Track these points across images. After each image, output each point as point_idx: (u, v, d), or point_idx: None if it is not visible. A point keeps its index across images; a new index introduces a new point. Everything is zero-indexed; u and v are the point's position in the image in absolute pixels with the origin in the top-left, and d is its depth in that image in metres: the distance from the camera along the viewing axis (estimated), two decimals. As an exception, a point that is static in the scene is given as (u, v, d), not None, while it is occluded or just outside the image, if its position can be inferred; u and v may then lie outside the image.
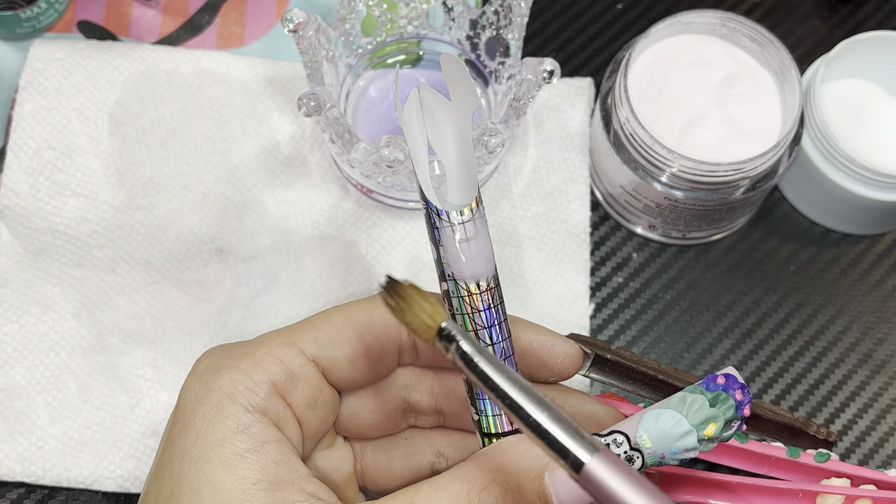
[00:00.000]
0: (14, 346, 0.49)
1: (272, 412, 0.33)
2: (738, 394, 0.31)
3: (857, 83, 0.54)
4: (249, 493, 0.30)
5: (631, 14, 0.59)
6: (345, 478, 0.37)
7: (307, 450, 0.35)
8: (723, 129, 0.50)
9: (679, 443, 0.31)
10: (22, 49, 0.55)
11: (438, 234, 0.32)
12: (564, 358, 0.37)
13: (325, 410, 0.35)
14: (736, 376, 0.32)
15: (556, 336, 0.37)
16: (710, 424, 0.31)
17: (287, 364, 0.34)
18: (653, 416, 0.31)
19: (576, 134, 0.54)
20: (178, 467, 0.31)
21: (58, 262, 0.50)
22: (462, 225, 0.32)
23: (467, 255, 0.32)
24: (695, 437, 0.31)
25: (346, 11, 0.50)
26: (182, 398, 0.33)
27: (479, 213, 0.32)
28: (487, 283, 0.32)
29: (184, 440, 0.32)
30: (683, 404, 0.31)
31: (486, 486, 0.31)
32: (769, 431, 0.46)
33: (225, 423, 0.32)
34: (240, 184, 0.52)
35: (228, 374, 0.33)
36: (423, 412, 0.38)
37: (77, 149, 0.51)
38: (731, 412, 0.31)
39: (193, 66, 0.53)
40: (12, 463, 0.47)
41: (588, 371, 0.45)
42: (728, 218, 0.52)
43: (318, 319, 0.35)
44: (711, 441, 0.31)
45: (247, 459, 0.31)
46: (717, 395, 0.31)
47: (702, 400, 0.31)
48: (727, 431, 0.31)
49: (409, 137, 0.32)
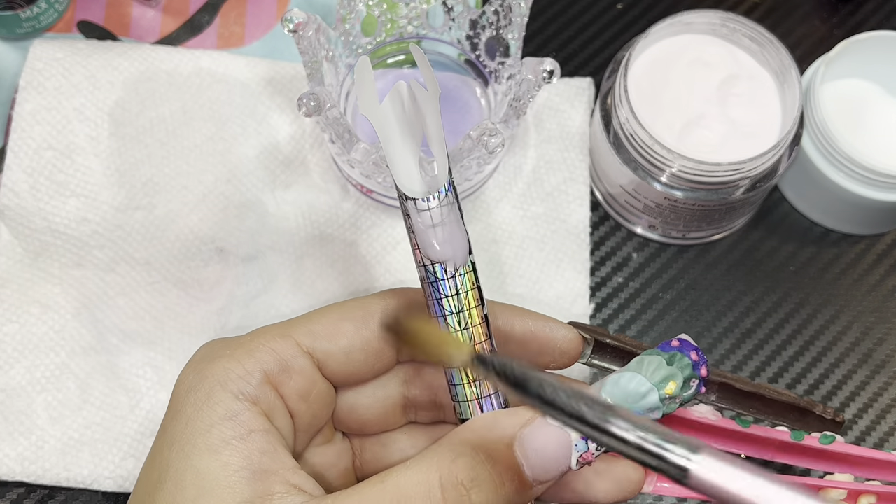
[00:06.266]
0: (14, 346, 0.49)
1: (263, 401, 0.33)
2: (693, 354, 0.32)
3: (857, 83, 0.54)
4: (231, 480, 0.30)
5: (631, 14, 0.59)
6: (342, 473, 0.37)
7: (301, 443, 0.35)
8: (723, 129, 0.50)
9: (642, 402, 0.32)
10: (22, 49, 0.55)
11: (409, 220, 0.33)
12: (564, 342, 0.36)
13: (319, 404, 0.35)
14: (689, 340, 0.33)
15: (554, 321, 0.37)
16: (669, 382, 0.32)
17: (281, 354, 0.34)
18: (613, 379, 0.32)
19: (576, 134, 0.54)
20: (168, 453, 0.32)
21: (58, 262, 0.50)
22: (428, 211, 0.32)
23: (438, 241, 0.32)
24: (656, 395, 0.32)
25: (346, 11, 0.50)
26: (176, 386, 0.33)
27: (448, 200, 0.32)
28: (455, 269, 0.33)
29: (174, 427, 0.32)
30: (641, 365, 0.32)
31: (455, 458, 0.31)
32: (775, 413, 0.45)
33: (214, 409, 0.32)
34: (240, 184, 0.52)
35: (222, 363, 0.33)
36: (422, 407, 0.38)
37: (77, 149, 0.51)
38: (689, 370, 0.32)
39: (193, 66, 0.53)
40: (12, 463, 0.47)
41: (589, 358, 0.44)
42: (728, 218, 0.52)
43: (314, 313, 0.35)
44: (673, 400, 0.32)
45: (232, 446, 0.31)
46: (672, 355, 0.32)
47: (658, 360, 0.32)
48: (687, 391, 0.32)
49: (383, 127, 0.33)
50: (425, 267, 0.33)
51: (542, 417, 0.31)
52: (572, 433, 0.31)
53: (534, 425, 0.31)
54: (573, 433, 0.31)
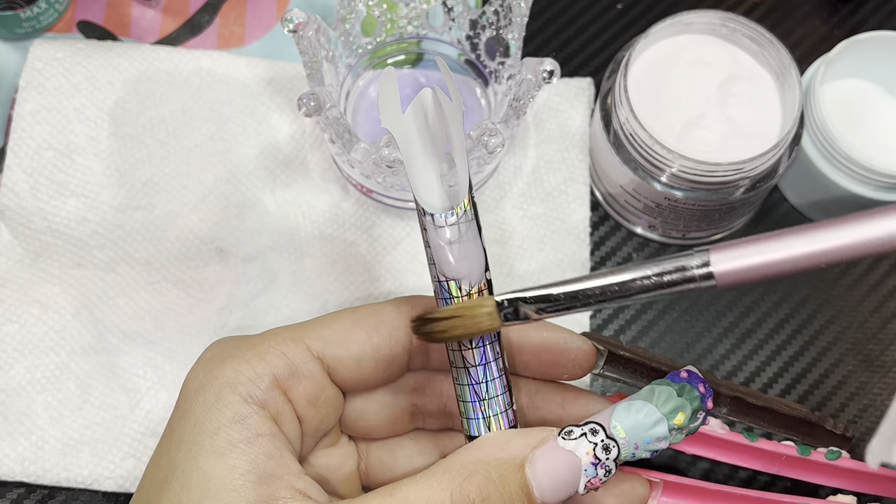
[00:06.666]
0: (14, 346, 0.49)
1: (271, 405, 0.33)
2: (700, 387, 0.33)
3: (857, 83, 0.54)
4: (237, 484, 0.30)
5: (631, 14, 0.59)
6: (347, 476, 0.37)
7: (307, 447, 0.35)
8: (723, 129, 0.50)
9: (651, 431, 0.32)
10: (22, 49, 0.55)
11: (426, 234, 0.33)
12: (578, 354, 0.36)
13: (327, 409, 0.35)
14: (697, 373, 0.33)
15: (568, 332, 0.37)
16: (679, 413, 0.32)
17: (291, 359, 0.34)
18: (624, 407, 0.32)
19: (576, 134, 0.54)
20: (175, 453, 0.32)
21: (58, 262, 0.50)
22: (445, 228, 0.32)
23: (455, 257, 0.32)
24: (665, 425, 0.32)
25: (346, 11, 0.50)
26: (185, 385, 0.33)
27: (467, 217, 0.32)
28: (470, 287, 0.33)
29: (182, 427, 0.32)
30: (652, 395, 0.33)
31: (468, 476, 0.31)
32: (786, 426, 0.45)
33: (223, 411, 0.32)
34: (240, 184, 0.52)
35: (232, 364, 0.33)
36: (430, 415, 0.38)
37: (77, 149, 0.51)
38: (697, 402, 0.32)
39: (193, 66, 0.53)
40: (12, 463, 0.47)
41: (602, 369, 0.44)
42: (728, 218, 0.52)
43: (327, 318, 0.35)
44: (680, 431, 0.32)
45: (238, 449, 0.31)
46: (682, 386, 0.33)
47: (669, 390, 0.33)
48: (694, 422, 0.33)
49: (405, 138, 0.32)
50: (440, 282, 0.33)
51: (553, 440, 0.32)
52: (583, 458, 0.31)
53: (545, 447, 0.31)
54: (584, 458, 0.31)
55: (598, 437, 0.32)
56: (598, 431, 0.32)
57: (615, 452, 0.32)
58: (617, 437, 0.32)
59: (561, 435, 0.31)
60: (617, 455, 0.32)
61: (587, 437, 0.31)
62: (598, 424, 0.32)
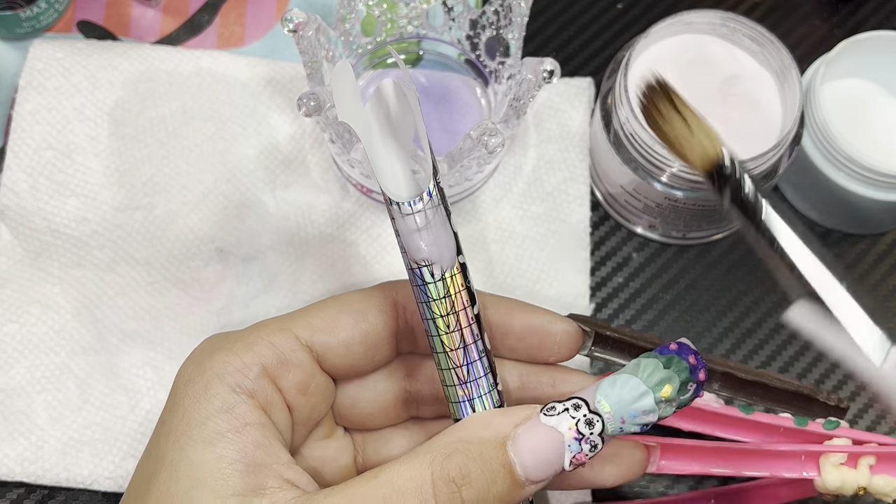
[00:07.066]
0: (14, 346, 0.49)
1: (260, 395, 0.33)
2: (691, 358, 0.32)
3: (857, 83, 0.54)
4: (225, 473, 0.30)
5: (631, 14, 0.59)
6: (343, 468, 0.37)
7: (299, 437, 0.35)
8: (723, 129, 0.50)
9: (637, 405, 0.32)
10: (22, 49, 0.55)
11: (395, 223, 0.33)
12: (563, 336, 0.36)
13: (318, 397, 0.35)
14: (688, 344, 0.33)
15: (553, 315, 0.37)
16: (665, 385, 0.32)
17: (279, 348, 0.34)
18: (609, 381, 0.32)
19: (576, 134, 0.54)
20: (164, 444, 0.32)
21: (58, 262, 0.50)
22: (413, 215, 0.32)
23: (425, 243, 0.32)
24: (651, 398, 0.32)
25: (346, 11, 0.50)
26: (176, 379, 0.34)
27: (433, 203, 0.32)
28: (443, 272, 0.33)
29: (171, 418, 0.32)
30: (637, 368, 0.32)
31: (449, 455, 0.31)
32: (779, 401, 0.45)
33: (211, 402, 0.32)
34: (240, 184, 0.52)
35: (220, 356, 0.33)
36: (423, 402, 0.38)
37: (77, 149, 0.51)
38: (686, 374, 0.32)
39: (193, 66, 0.53)
40: (12, 463, 0.47)
41: (591, 350, 0.44)
42: (728, 218, 0.52)
43: (313, 307, 0.35)
44: (670, 403, 0.32)
45: (226, 439, 0.31)
46: (670, 358, 0.32)
47: (655, 363, 0.32)
48: (684, 394, 0.32)
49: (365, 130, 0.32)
50: (412, 270, 0.33)
51: (535, 418, 0.31)
52: (566, 434, 0.31)
53: (528, 425, 0.31)
54: (567, 434, 0.31)
55: (580, 411, 0.31)
56: (580, 406, 0.31)
57: (599, 427, 0.31)
58: (602, 412, 0.31)
59: (543, 411, 0.31)
60: (602, 430, 0.31)
61: (569, 413, 0.31)
62: (580, 399, 0.31)
